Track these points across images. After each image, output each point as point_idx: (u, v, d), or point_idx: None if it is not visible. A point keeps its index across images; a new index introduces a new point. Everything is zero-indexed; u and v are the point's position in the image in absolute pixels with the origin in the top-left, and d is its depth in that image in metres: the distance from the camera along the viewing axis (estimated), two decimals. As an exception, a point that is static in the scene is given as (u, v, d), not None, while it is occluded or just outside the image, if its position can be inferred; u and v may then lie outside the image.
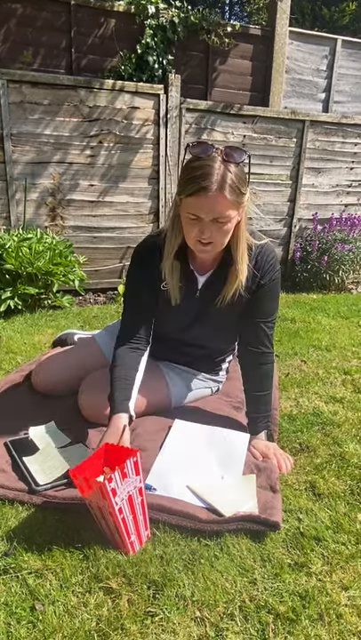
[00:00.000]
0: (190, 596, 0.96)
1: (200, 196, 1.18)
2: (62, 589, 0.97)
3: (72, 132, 3.26)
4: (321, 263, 3.84)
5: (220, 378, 1.79)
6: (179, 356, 1.67)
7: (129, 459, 1.04)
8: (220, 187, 1.18)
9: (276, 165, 3.92)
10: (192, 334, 1.56)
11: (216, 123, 3.63)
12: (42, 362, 1.79)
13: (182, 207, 1.25)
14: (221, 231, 1.25)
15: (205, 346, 1.63)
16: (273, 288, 1.45)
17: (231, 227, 1.27)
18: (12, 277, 2.87)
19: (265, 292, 1.44)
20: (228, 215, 1.22)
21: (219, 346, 1.66)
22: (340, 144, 4.10)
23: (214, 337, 1.59)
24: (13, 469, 1.31)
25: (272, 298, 1.47)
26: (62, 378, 1.71)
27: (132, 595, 0.96)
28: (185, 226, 1.28)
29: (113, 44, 3.93)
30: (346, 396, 1.89)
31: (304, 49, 4.62)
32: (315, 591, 0.99)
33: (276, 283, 1.45)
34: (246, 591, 0.98)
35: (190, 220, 1.24)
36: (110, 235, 3.55)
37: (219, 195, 1.18)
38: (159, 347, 1.62)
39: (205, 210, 1.20)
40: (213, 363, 1.72)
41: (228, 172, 1.19)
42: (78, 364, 1.71)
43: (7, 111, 3.04)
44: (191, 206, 1.21)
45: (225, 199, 1.19)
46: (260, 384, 1.50)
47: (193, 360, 1.67)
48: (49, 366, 1.75)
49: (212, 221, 1.22)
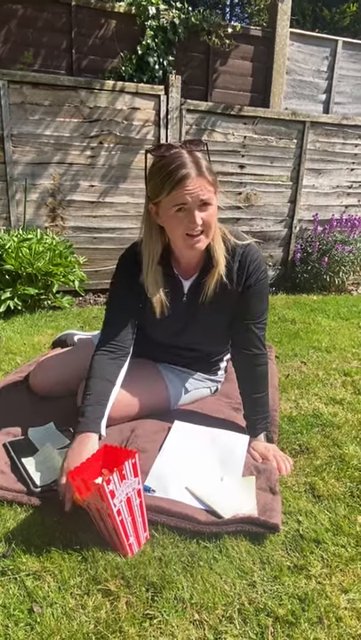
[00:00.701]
0: (189, 599, 0.96)
1: (183, 184, 1.20)
2: (60, 591, 0.97)
3: (72, 133, 3.26)
4: (321, 264, 3.84)
5: (219, 377, 1.79)
6: (174, 358, 1.67)
7: (127, 460, 1.03)
8: (198, 170, 1.22)
9: (276, 166, 3.91)
10: (183, 339, 1.56)
11: (216, 124, 3.63)
12: (40, 363, 1.79)
13: (164, 208, 1.26)
14: (209, 216, 1.26)
15: (198, 349, 1.63)
16: (260, 289, 1.44)
17: (214, 211, 1.28)
18: (11, 278, 2.87)
19: (252, 293, 1.43)
20: (211, 197, 1.25)
21: (211, 349, 1.66)
22: (340, 145, 4.10)
23: (206, 340, 1.59)
24: (12, 470, 1.31)
25: (260, 299, 1.45)
26: (60, 379, 1.70)
27: (131, 597, 0.96)
28: (172, 225, 1.28)
29: (114, 44, 3.93)
30: (346, 398, 1.88)
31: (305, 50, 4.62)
32: (314, 594, 0.98)
33: (263, 283, 1.45)
34: (245, 594, 0.98)
35: (177, 214, 1.25)
36: (110, 235, 3.55)
37: (200, 177, 1.22)
38: (154, 350, 1.63)
39: (191, 195, 1.21)
40: (210, 363, 1.72)
41: (198, 158, 1.24)
42: (77, 365, 1.70)
43: (7, 112, 3.04)
44: (176, 199, 1.22)
45: (206, 179, 1.23)
46: (255, 386, 1.49)
47: (189, 362, 1.67)
48: (47, 367, 1.75)
49: (199, 207, 1.24)
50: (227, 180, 3.77)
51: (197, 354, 1.65)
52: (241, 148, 3.74)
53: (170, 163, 1.21)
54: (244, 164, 3.79)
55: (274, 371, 2.07)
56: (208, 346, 1.63)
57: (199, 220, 1.25)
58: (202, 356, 1.67)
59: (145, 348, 1.61)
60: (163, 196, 1.24)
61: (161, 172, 1.23)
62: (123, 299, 1.47)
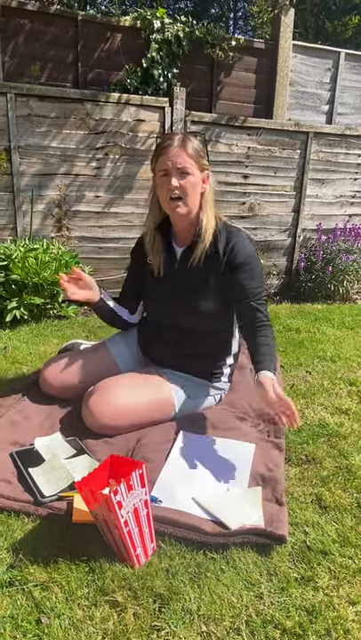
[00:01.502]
0: (196, 610, 0.96)
1: (165, 152, 1.47)
2: (68, 602, 0.97)
3: (78, 145, 3.30)
4: (325, 273, 3.84)
5: (222, 385, 1.79)
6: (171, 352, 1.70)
7: (134, 471, 1.04)
8: (180, 143, 1.47)
9: (280, 177, 3.94)
10: (175, 308, 1.64)
11: (221, 135, 3.67)
12: (51, 360, 1.83)
13: (156, 175, 1.51)
14: (187, 183, 1.48)
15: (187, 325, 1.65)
16: (250, 266, 1.56)
17: (196, 182, 1.50)
18: (18, 287, 2.89)
19: (243, 270, 1.55)
20: (190, 167, 1.47)
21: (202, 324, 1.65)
22: (343, 155, 4.13)
23: (195, 311, 1.61)
24: (19, 480, 1.32)
25: (252, 276, 1.57)
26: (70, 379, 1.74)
27: (138, 608, 0.96)
28: (159, 189, 1.52)
29: (119, 58, 3.99)
30: (351, 408, 1.88)
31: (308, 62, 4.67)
32: (322, 606, 0.98)
33: (252, 261, 1.57)
34: (253, 605, 0.98)
35: (161, 178, 1.49)
36: (116, 245, 3.57)
37: (180, 148, 1.46)
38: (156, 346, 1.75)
39: (170, 161, 1.46)
40: (212, 365, 1.73)
41: (188, 139, 1.49)
42: (89, 367, 1.76)
43: (15, 124, 3.09)
44: (160, 164, 1.48)
45: (185, 152, 1.46)
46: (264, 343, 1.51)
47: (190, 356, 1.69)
48: (59, 366, 1.78)
49: (177, 172, 1.46)
50: (231, 190, 3.80)
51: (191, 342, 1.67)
52: (245, 158, 3.77)
53: (162, 139, 1.52)
54: (248, 174, 3.82)
55: (279, 381, 2.07)
56: (200, 320, 1.64)
57: (175, 184, 1.46)
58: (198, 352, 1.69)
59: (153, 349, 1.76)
60: (153, 164, 1.52)
61: (155, 147, 1.54)
62: (131, 273, 1.82)
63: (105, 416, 1.52)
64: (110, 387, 1.58)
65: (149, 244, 1.65)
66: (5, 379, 2.06)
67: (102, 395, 1.56)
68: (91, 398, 1.56)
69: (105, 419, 1.52)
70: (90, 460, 1.42)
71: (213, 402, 1.78)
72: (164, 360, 1.72)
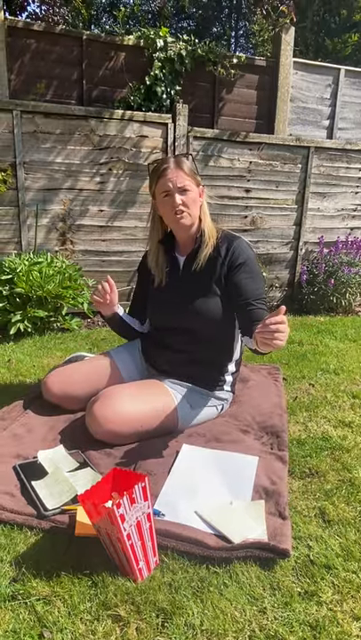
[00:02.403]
0: (199, 625, 0.95)
1: (164, 174, 1.59)
2: (70, 617, 0.96)
3: (82, 160, 3.35)
4: (328, 286, 3.86)
5: (225, 395, 1.80)
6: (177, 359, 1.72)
7: (137, 484, 1.04)
8: (176, 164, 1.60)
9: (281, 190, 3.98)
10: (179, 314, 1.68)
11: (223, 150, 3.72)
12: (54, 369, 1.86)
13: (157, 196, 1.63)
14: (188, 199, 1.60)
15: (192, 331, 1.68)
16: (250, 267, 1.64)
17: (195, 196, 1.62)
18: (22, 301, 2.91)
19: (243, 272, 1.62)
20: (190, 184, 1.59)
21: (206, 329, 1.68)
22: (344, 169, 4.17)
23: (199, 316, 1.65)
24: (22, 493, 1.32)
25: (252, 277, 1.63)
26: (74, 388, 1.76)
27: (141, 623, 0.95)
28: (162, 208, 1.63)
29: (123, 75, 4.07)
30: (355, 421, 1.88)
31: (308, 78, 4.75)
32: (325, 621, 0.97)
33: (251, 262, 1.65)
34: (256, 620, 0.97)
35: (164, 199, 1.60)
36: (119, 258, 3.61)
37: (177, 169, 1.59)
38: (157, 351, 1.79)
39: (171, 182, 1.57)
40: (214, 374, 1.74)
41: (180, 159, 1.62)
42: (92, 376, 1.79)
43: (20, 140, 3.15)
44: (161, 187, 1.60)
45: (182, 171, 1.59)
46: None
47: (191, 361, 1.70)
48: (62, 373, 1.81)
49: (178, 191, 1.58)
50: (233, 204, 3.84)
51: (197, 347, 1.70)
52: (247, 172, 3.82)
53: (157, 164, 1.63)
54: (250, 188, 3.86)
55: (281, 393, 2.07)
56: (203, 324, 1.67)
57: (179, 201, 1.58)
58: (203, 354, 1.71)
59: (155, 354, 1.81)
60: (154, 187, 1.63)
61: (152, 172, 1.64)
62: (139, 286, 1.93)
63: (109, 422, 1.53)
64: (115, 394, 1.59)
65: (153, 260, 1.76)
66: (9, 391, 2.07)
67: (107, 401, 1.57)
68: (95, 404, 1.57)
69: (109, 424, 1.53)
70: (93, 472, 1.42)
71: (216, 412, 1.78)
72: (167, 367, 1.75)
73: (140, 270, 1.92)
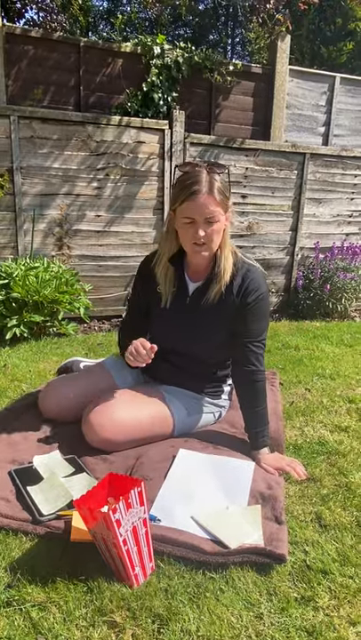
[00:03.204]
0: (195, 631, 0.95)
1: (193, 199, 1.39)
2: (65, 623, 0.96)
3: (80, 166, 3.36)
4: (324, 291, 3.87)
5: (222, 402, 1.80)
6: (175, 373, 1.70)
7: (133, 489, 1.04)
8: (209, 189, 1.39)
9: (277, 196, 4.01)
10: (181, 340, 1.63)
11: (219, 156, 3.74)
12: (49, 385, 1.81)
13: (178, 216, 1.45)
14: (213, 231, 1.43)
15: (195, 355, 1.66)
16: (259, 308, 1.55)
17: (221, 227, 1.45)
18: (18, 305, 2.91)
19: (251, 311, 1.54)
20: (218, 215, 1.42)
21: (207, 355, 1.68)
22: (340, 175, 4.20)
23: (202, 344, 1.63)
24: (17, 499, 1.31)
25: (258, 318, 1.56)
26: (70, 404, 1.72)
27: (137, 629, 0.95)
28: (181, 232, 1.47)
29: (120, 82, 4.09)
30: (351, 425, 1.88)
31: (304, 86, 4.79)
32: (322, 626, 0.97)
33: (262, 304, 1.56)
34: (252, 626, 0.97)
35: (186, 224, 1.43)
36: (116, 263, 3.61)
37: (209, 196, 1.39)
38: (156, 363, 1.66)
39: (198, 211, 1.40)
40: (211, 381, 1.74)
41: (214, 180, 1.41)
42: (88, 388, 1.73)
43: (17, 146, 3.16)
44: (186, 211, 1.41)
45: (214, 200, 1.39)
46: (255, 400, 1.58)
47: (190, 376, 1.70)
48: (57, 391, 1.77)
49: (204, 222, 1.41)
50: (229, 209, 3.86)
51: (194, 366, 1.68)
52: (243, 178, 3.84)
53: (187, 178, 1.41)
54: (246, 194, 3.88)
55: (278, 398, 2.07)
56: (205, 351, 1.66)
57: (202, 233, 1.42)
58: (202, 371, 1.71)
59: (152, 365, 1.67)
60: (177, 205, 1.44)
61: (179, 185, 1.43)
62: (138, 298, 1.71)
63: (106, 430, 1.52)
64: (111, 401, 1.59)
65: (162, 276, 1.59)
66: (4, 396, 2.06)
67: (103, 409, 1.56)
68: (91, 413, 1.56)
69: (106, 432, 1.52)
70: (88, 478, 1.41)
71: (213, 419, 1.78)
72: (166, 378, 1.73)
73: (142, 276, 1.69)
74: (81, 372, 1.88)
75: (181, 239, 1.50)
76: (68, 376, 1.87)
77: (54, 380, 1.85)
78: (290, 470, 1.49)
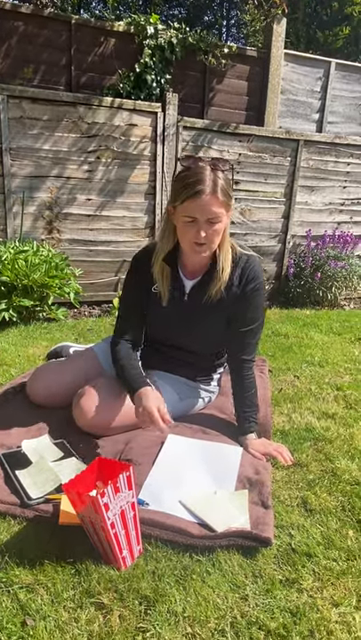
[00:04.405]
0: (182, 612, 0.96)
1: (196, 198, 1.33)
2: (53, 604, 0.97)
3: (70, 148, 3.31)
4: (314, 279, 3.89)
5: (212, 388, 1.81)
6: (168, 362, 1.70)
7: (122, 473, 1.04)
8: (212, 189, 1.33)
9: (270, 183, 3.99)
10: (178, 336, 1.63)
11: (212, 141, 3.70)
12: (37, 374, 1.79)
13: (178, 213, 1.40)
14: (214, 231, 1.38)
15: (191, 349, 1.67)
16: (256, 296, 1.55)
17: (222, 227, 1.41)
18: (7, 289, 2.88)
19: (248, 301, 1.54)
20: (221, 215, 1.36)
21: (203, 350, 1.70)
22: (333, 163, 4.19)
23: (199, 340, 1.64)
24: (5, 483, 1.31)
25: (255, 308, 1.56)
26: (59, 389, 1.71)
27: (124, 610, 0.96)
28: (181, 230, 1.42)
29: (112, 62, 4.01)
30: (338, 412, 1.91)
31: (299, 71, 4.73)
32: (306, 607, 0.99)
33: (259, 294, 1.55)
34: (238, 607, 0.99)
35: (187, 223, 1.38)
36: (106, 248, 3.58)
37: (212, 196, 1.33)
38: (149, 352, 1.71)
39: (201, 211, 1.34)
40: (203, 370, 1.75)
41: (218, 178, 1.34)
42: (76, 374, 1.72)
43: (6, 126, 3.09)
44: (188, 210, 1.35)
45: (218, 200, 1.34)
46: (247, 386, 1.60)
47: (182, 365, 1.70)
48: (46, 376, 1.76)
49: (206, 222, 1.36)
50: (222, 195, 3.83)
51: (189, 357, 1.69)
52: (236, 164, 3.81)
53: (191, 175, 1.34)
54: (239, 180, 3.86)
55: (267, 385, 2.08)
56: (200, 346, 1.67)
57: (203, 234, 1.37)
58: (193, 361, 1.71)
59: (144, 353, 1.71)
60: (178, 203, 1.38)
61: (182, 182, 1.36)
62: (134, 296, 1.62)
63: (97, 414, 1.52)
64: (102, 386, 1.58)
65: (159, 275, 1.53)
66: (-7, 381, 2.05)
67: (94, 393, 1.56)
68: (82, 398, 1.56)
69: (97, 417, 1.52)
70: (77, 462, 1.42)
71: (203, 404, 1.79)
72: (157, 365, 1.73)
73: (139, 273, 1.59)
74: (69, 359, 1.87)
75: (180, 237, 1.45)
76: (56, 362, 1.85)
77: (42, 366, 1.83)
78: (277, 455, 1.51)
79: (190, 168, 1.36)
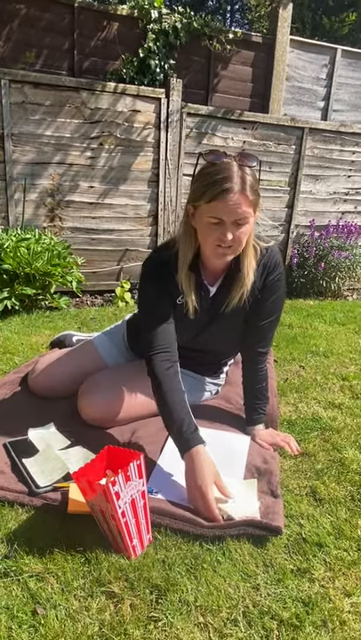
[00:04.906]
0: (193, 602, 0.96)
1: (224, 198, 1.19)
2: (64, 593, 0.96)
3: (73, 134, 3.26)
4: (318, 269, 3.86)
5: (221, 381, 1.79)
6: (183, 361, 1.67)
7: (133, 462, 1.03)
8: (241, 188, 1.20)
9: (275, 172, 3.94)
10: (199, 341, 1.56)
11: (217, 128, 3.65)
12: (39, 364, 1.77)
13: (201, 213, 1.25)
14: (241, 232, 1.26)
15: (210, 351, 1.64)
16: (276, 289, 1.46)
17: (249, 228, 1.28)
18: (9, 277, 2.85)
19: (268, 293, 1.46)
20: (249, 216, 1.24)
21: (223, 350, 1.67)
22: (338, 152, 4.14)
23: (220, 342, 1.60)
24: (13, 471, 1.30)
25: (275, 300, 1.48)
26: (61, 385, 1.70)
27: (135, 599, 0.95)
28: (204, 231, 1.27)
29: (115, 47, 3.94)
30: (344, 402, 1.90)
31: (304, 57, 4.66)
32: (318, 597, 0.98)
33: (279, 284, 1.46)
34: (249, 597, 0.98)
35: (211, 224, 1.24)
36: (109, 237, 3.54)
37: (241, 195, 1.20)
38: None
39: (228, 212, 1.21)
40: (216, 366, 1.72)
41: (246, 174, 1.22)
42: (78, 371, 1.69)
43: (8, 111, 3.04)
44: (213, 210, 1.22)
45: (247, 199, 1.21)
46: (260, 378, 1.57)
47: (196, 364, 1.67)
48: (47, 371, 1.73)
49: (233, 223, 1.23)
50: (226, 184, 3.79)
51: (207, 356, 1.66)
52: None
53: (217, 172, 1.20)
54: (243, 168, 3.81)
55: (273, 375, 2.07)
56: (220, 346, 1.64)
57: (230, 237, 1.24)
58: (209, 359, 1.68)
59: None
60: (202, 202, 1.23)
61: (206, 179, 1.22)
62: (160, 306, 1.42)
63: (102, 407, 1.51)
64: (107, 377, 1.57)
65: (185, 284, 1.38)
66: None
67: (99, 386, 1.54)
68: (87, 390, 1.54)
69: (102, 410, 1.51)
70: (84, 451, 1.40)
71: (210, 396, 1.78)
72: None
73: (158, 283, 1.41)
74: (70, 353, 1.81)
75: (202, 239, 1.30)
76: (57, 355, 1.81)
77: (43, 362, 1.78)
78: (284, 445, 1.50)
79: (215, 164, 1.22)
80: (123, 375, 1.61)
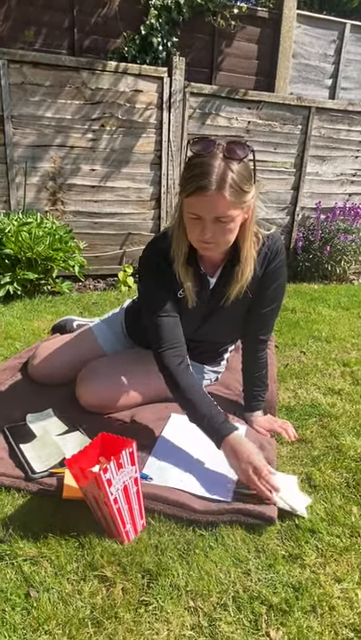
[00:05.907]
0: (184, 586, 0.97)
1: (198, 195, 1.13)
2: (57, 577, 0.98)
3: (74, 115, 3.20)
4: (323, 253, 3.81)
5: (221, 368, 1.79)
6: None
7: (125, 449, 1.03)
8: (218, 186, 1.12)
9: (280, 153, 3.86)
10: (200, 332, 1.54)
11: (221, 108, 3.57)
12: (39, 351, 1.78)
13: (184, 207, 1.21)
14: (224, 230, 1.20)
15: (211, 341, 1.63)
16: (277, 276, 1.42)
17: (235, 226, 1.22)
18: (11, 262, 2.85)
19: (269, 280, 1.41)
20: (230, 215, 1.17)
21: (224, 339, 1.66)
22: (345, 132, 4.04)
23: (221, 332, 1.59)
24: (10, 456, 1.32)
25: (276, 287, 1.44)
26: (59, 372, 1.71)
27: (127, 583, 0.97)
28: (188, 226, 1.23)
29: (116, 24, 3.84)
30: (344, 388, 1.89)
31: (312, 33, 4.52)
32: (308, 583, 0.99)
33: (280, 271, 1.42)
34: (240, 582, 0.99)
35: (192, 219, 1.19)
36: (111, 220, 3.51)
37: (217, 194, 1.12)
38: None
39: (205, 210, 1.15)
40: (216, 354, 1.72)
41: (229, 171, 1.13)
42: (77, 359, 1.69)
43: (7, 92, 2.99)
44: (191, 206, 1.17)
45: (224, 199, 1.13)
46: (260, 366, 1.57)
47: (196, 354, 1.66)
48: (46, 359, 1.74)
49: (213, 221, 1.17)
50: (230, 165, 3.72)
51: (207, 346, 1.65)
52: (245, 133, 3.69)
53: (197, 166, 1.13)
54: (248, 149, 3.74)
55: (273, 361, 2.06)
56: (221, 337, 1.63)
57: (209, 234, 1.18)
58: (210, 348, 1.67)
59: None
60: (183, 196, 1.19)
61: (188, 172, 1.16)
62: (162, 300, 1.38)
63: (100, 393, 1.52)
64: (105, 364, 1.57)
65: (184, 278, 1.35)
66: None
67: (97, 372, 1.54)
68: (85, 376, 1.55)
69: (100, 396, 1.52)
70: (81, 436, 1.41)
71: (209, 383, 1.77)
72: None
73: (156, 276, 1.38)
74: (69, 341, 1.80)
75: (188, 233, 1.25)
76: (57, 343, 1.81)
77: (43, 350, 1.78)
78: (281, 432, 1.50)
79: (199, 155, 1.14)
80: (121, 362, 1.61)
